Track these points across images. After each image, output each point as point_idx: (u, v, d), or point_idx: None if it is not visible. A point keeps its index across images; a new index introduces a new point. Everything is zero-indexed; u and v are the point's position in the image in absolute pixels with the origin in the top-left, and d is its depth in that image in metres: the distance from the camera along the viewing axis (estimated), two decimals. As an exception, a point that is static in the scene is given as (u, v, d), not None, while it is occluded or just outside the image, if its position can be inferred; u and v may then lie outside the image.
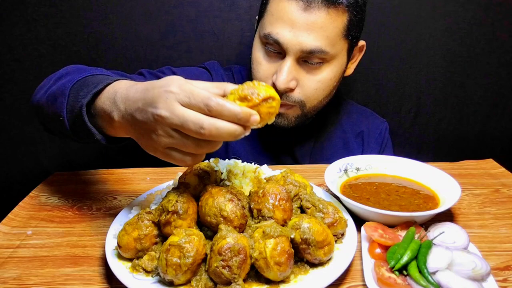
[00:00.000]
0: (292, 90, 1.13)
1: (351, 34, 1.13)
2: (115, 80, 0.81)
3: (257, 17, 1.23)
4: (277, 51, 1.12)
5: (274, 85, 1.10)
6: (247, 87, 0.68)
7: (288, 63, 1.09)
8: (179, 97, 0.65)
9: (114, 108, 0.75)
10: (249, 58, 1.22)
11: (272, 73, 1.14)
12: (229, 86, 0.71)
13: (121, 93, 0.74)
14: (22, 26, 1.50)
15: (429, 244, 0.76)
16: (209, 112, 0.64)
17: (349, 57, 1.21)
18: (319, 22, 1.05)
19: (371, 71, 1.68)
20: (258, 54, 1.17)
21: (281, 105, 1.11)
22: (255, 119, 0.66)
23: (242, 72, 1.37)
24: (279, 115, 1.16)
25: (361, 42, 1.23)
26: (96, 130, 0.81)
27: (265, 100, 0.67)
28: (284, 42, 1.07)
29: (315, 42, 1.06)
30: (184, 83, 0.67)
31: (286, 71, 1.09)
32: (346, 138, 1.37)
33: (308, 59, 1.10)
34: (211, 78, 1.30)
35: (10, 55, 1.53)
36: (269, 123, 0.71)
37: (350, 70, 1.27)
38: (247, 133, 0.68)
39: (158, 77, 1.20)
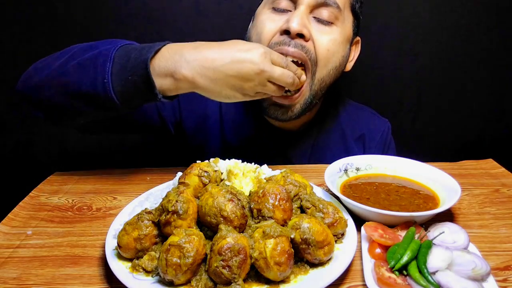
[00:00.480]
0: (306, 40, 1.07)
1: (355, 10, 1.15)
2: (167, 43, 0.92)
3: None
4: (287, 9, 1.10)
5: (284, 32, 1.07)
6: None
7: (301, 9, 1.06)
8: (270, 56, 0.91)
9: (184, 64, 0.87)
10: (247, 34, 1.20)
11: (280, 26, 1.09)
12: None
13: (190, 51, 0.88)
14: (22, 26, 1.50)
15: (429, 244, 0.76)
16: (286, 66, 0.95)
17: (354, 38, 1.20)
18: None
19: (371, 71, 1.68)
20: (263, 17, 1.13)
21: (286, 94, 1.09)
22: (300, 73, 1.03)
23: None
24: (282, 107, 1.14)
25: (357, 38, 1.24)
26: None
27: None
28: None
29: None
30: (266, 48, 0.91)
31: (299, 15, 1.05)
32: (346, 143, 1.34)
33: (319, 15, 1.08)
34: None
35: (10, 55, 1.53)
36: None
37: (349, 66, 1.25)
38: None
39: None
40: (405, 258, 0.72)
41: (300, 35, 1.06)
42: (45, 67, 0.97)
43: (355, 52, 1.27)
